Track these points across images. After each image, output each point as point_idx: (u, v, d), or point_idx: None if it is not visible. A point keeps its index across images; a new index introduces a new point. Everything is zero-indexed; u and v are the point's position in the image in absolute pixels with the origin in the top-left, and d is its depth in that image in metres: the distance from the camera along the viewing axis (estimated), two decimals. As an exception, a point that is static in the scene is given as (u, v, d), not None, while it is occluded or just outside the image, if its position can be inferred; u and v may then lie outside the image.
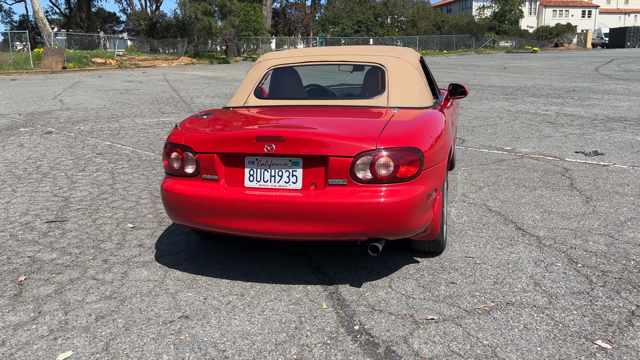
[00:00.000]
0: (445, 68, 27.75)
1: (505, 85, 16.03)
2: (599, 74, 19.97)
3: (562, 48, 57.47)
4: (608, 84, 15.73)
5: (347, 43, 51.52)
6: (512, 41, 58.80)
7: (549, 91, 14.09)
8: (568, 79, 18.22)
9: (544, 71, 22.71)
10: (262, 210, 2.87)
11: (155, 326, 2.71)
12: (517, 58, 38.33)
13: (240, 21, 42.00)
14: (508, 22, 59.75)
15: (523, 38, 58.51)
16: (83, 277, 3.31)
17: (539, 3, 78.61)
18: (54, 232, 4.13)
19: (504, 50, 54.25)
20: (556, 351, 2.38)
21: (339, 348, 2.47)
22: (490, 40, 56.49)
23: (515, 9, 59.87)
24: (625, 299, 2.82)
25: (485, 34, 57.05)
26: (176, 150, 3.11)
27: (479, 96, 13.25)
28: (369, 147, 2.79)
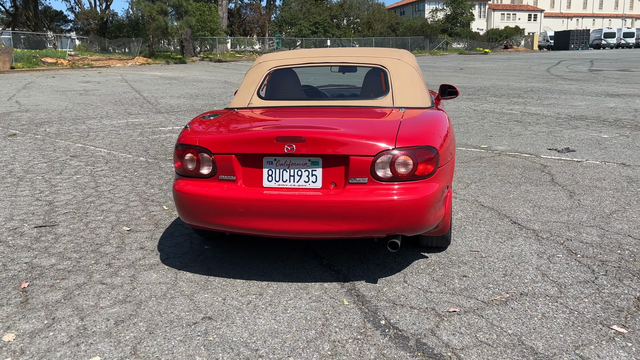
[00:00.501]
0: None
1: (466, 86, 16.47)
2: (551, 75, 20.79)
3: (512, 50, 59.46)
4: (562, 84, 16.40)
5: (304, 44, 51.65)
6: (464, 43, 60.40)
7: (508, 91, 14.58)
8: (523, 79, 18.90)
9: (499, 72, 23.46)
10: (282, 209, 2.88)
11: (180, 328, 2.68)
12: (471, 59, 39.43)
13: (197, 21, 41.45)
14: (460, 24, 61.33)
15: (474, 40, 60.19)
16: (90, 282, 3.23)
17: (488, 6, 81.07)
18: (47, 237, 3.99)
19: (456, 52, 55.66)
20: (578, 337, 2.50)
21: (370, 343, 2.51)
22: (444, 42, 57.84)
23: (466, 12, 61.52)
24: (629, 286, 2.99)
25: (438, 36, 58.36)
26: (191, 152, 3.08)
27: (444, 96, 13.57)
28: (389, 146, 2.84)
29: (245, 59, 42.56)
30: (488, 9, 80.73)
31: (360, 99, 3.71)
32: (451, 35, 60.13)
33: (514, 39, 62.36)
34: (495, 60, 36.73)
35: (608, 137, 7.48)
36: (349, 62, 3.95)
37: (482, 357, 2.36)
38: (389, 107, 3.54)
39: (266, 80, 3.93)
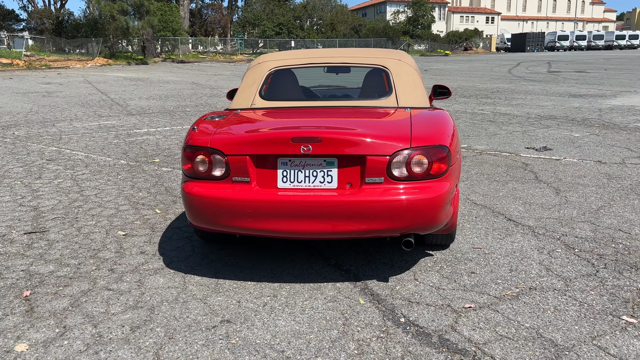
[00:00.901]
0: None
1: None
2: (513, 76, 21.39)
3: (471, 52, 60.83)
4: (525, 85, 16.90)
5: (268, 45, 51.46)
6: (425, 45, 61.41)
7: (475, 92, 14.92)
8: (487, 80, 19.38)
9: (463, 73, 23.97)
10: (297, 210, 2.88)
11: (200, 332, 2.65)
12: (434, 61, 40.13)
13: (158, 21, 40.72)
14: (421, 26, 62.33)
15: (435, 42, 61.26)
16: (95, 288, 3.15)
17: (447, 9, 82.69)
18: (39, 244, 3.87)
19: (418, 54, 56.50)
20: (592, 328, 2.60)
21: (394, 340, 2.54)
22: (406, 44, 58.64)
23: (427, 14, 62.57)
24: (629, 278, 3.12)
25: (400, 37, 59.13)
26: (202, 153, 3.04)
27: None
28: (405, 146, 2.88)
29: (208, 60, 42.08)
30: (448, 11, 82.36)
31: (365, 99, 3.74)
32: (413, 37, 61.04)
33: (473, 41, 63.81)
34: (457, 62, 37.51)
35: (580, 136, 7.76)
36: (349, 62, 3.98)
37: (505, 351, 2.42)
38: (394, 107, 3.58)
39: (268, 81, 3.92)
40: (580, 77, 19.68)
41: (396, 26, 61.19)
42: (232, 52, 50.80)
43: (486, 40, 72.22)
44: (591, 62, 32.23)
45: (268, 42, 51.62)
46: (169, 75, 24.05)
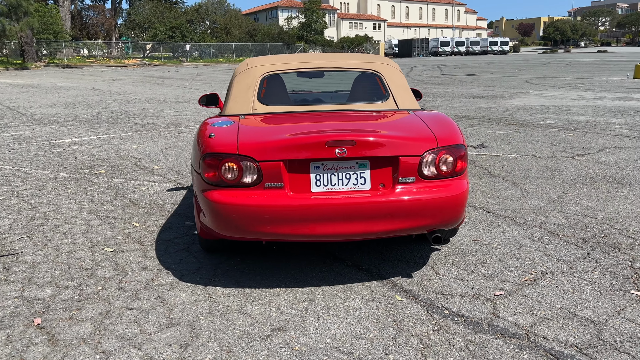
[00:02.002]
0: (274, 75, 28.57)
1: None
2: (414, 80, 22.58)
3: (363, 56, 63.17)
4: (429, 88, 17.94)
5: (161, 48, 49.68)
6: (320, 50, 62.71)
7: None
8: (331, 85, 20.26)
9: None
10: (333, 213, 2.89)
11: (257, 343, 2.58)
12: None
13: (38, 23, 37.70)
14: (314, 32, 63.57)
15: (329, 47, 62.78)
16: (114, 309, 2.93)
17: (337, 15, 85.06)
18: (19, 267, 3.51)
19: (313, 58, 57.55)
20: (613, 303, 2.89)
21: (450, 332, 2.66)
22: (301, 49, 59.47)
23: (320, 20, 63.94)
24: (617, 257, 3.50)
25: (296, 42, 59.89)
26: (230, 161, 2.95)
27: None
28: (433, 146, 3.02)
29: (98, 65, 39.69)
30: (337, 17, 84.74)
31: (366, 102, 3.82)
32: (307, 42, 62.08)
33: (364, 46, 66.23)
34: (354, 66, 38.69)
35: (504, 134, 8.44)
36: (341, 67, 4.04)
37: (553, 331, 2.63)
38: (395, 110, 3.71)
39: (263, 86, 3.87)
40: (474, 80, 21.26)
41: (290, 31, 61.86)
42: (121, 56, 48.38)
43: (375, 46, 75.32)
44: (475, 66, 34.88)
45: (161, 46, 49.81)
46: (61, 81, 22.39)
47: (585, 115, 10.35)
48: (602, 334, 2.60)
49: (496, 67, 32.64)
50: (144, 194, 5.24)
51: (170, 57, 49.90)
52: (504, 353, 2.45)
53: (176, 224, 4.35)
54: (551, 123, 9.44)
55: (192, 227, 4.27)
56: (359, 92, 4.01)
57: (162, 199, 5.04)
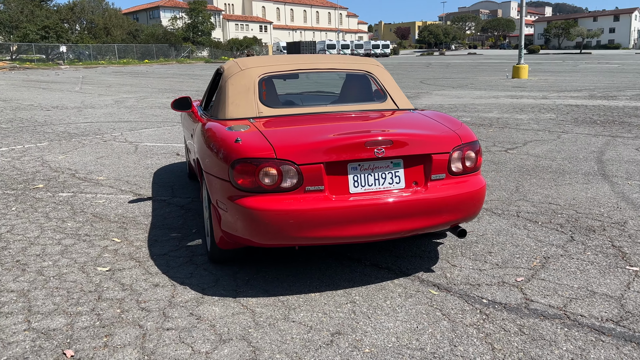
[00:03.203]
0: (169, 77, 27.57)
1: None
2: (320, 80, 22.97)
3: (253, 58, 62.95)
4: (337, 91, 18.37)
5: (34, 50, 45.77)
6: (208, 52, 61.47)
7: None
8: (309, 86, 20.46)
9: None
10: (373, 213, 2.92)
11: (325, 349, 2.54)
12: (224, 67, 40.45)
13: None
14: (201, 33, 62.15)
15: (218, 49, 61.75)
16: (150, 331, 2.72)
17: (222, 16, 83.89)
18: (8, 297, 3.12)
19: (202, 60, 56.35)
20: (618, 279, 3.22)
21: (499, 318, 2.80)
22: (189, 50, 57.90)
23: (206, 21, 62.65)
24: (597, 239, 3.89)
25: (183, 44, 58.14)
26: (267, 165, 2.86)
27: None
28: (458, 143, 3.16)
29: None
30: (222, 18, 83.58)
31: (369, 103, 3.87)
32: (195, 43, 60.54)
33: (253, 48, 66.01)
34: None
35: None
36: (334, 68, 4.06)
37: (586, 310, 2.88)
38: (395, 109, 3.81)
39: (263, 88, 3.78)
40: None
41: (176, 32, 59.93)
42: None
43: (263, 47, 75.35)
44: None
45: (33, 47, 45.85)
46: None
47: (492, 113, 11.25)
48: (625, 307, 2.89)
49: (389, 68, 34.19)
50: (106, 207, 4.86)
51: (44, 60, 46.10)
52: (556, 333, 2.65)
53: (161, 236, 4.10)
54: (467, 120, 10.14)
55: (181, 238, 4.05)
56: (357, 92, 4.04)
57: (130, 212, 4.72)
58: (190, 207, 4.85)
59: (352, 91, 4.06)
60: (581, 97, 14.38)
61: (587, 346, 2.52)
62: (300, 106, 3.78)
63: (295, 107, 3.72)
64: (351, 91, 4.07)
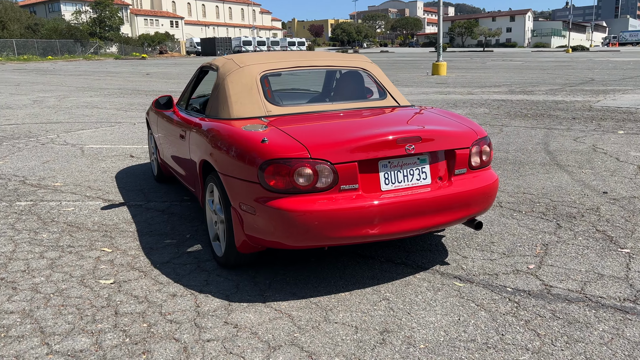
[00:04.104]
0: (82, 75, 26.01)
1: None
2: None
3: (167, 55, 60.79)
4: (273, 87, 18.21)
5: None
6: (117, 48, 58.67)
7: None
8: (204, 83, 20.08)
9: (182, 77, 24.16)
10: (405, 210, 2.94)
11: (381, 348, 2.53)
12: (137, 64, 38.83)
13: None
14: (109, 28, 59.20)
15: (128, 45, 59.09)
16: (190, 344, 2.58)
17: (130, 11, 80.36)
18: (10, 319, 2.82)
19: (112, 57, 53.68)
20: (617, 261, 3.46)
21: (530, 305, 2.92)
22: (97, 46, 54.99)
23: (114, 15, 59.74)
24: (581, 225, 4.16)
25: (89, 39, 55.09)
26: (302, 165, 2.78)
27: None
28: (475, 137, 3.25)
29: None
30: (130, 13, 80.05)
31: (371, 100, 3.86)
32: (102, 39, 57.55)
33: (166, 44, 63.82)
34: (169, 65, 37.17)
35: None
36: (332, 65, 4.03)
37: (602, 291, 3.07)
38: (397, 105, 3.85)
39: (266, 86, 3.67)
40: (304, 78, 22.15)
41: (81, 27, 56.63)
42: None
43: (176, 43, 73.08)
44: (288, 64, 36.18)
45: None
46: None
47: (430, 108, 11.65)
48: (635, 287, 3.12)
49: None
50: (78, 215, 4.52)
51: None
52: (587, 315, 2.81)
53: (156, 244, 3.88)
54: (410, 116, 10.44)
55: (178, 245, 3.86)
56: (357, 90, 4.01)
57: (109, 219, 4.42)
58: (173, 212, 4.62)
59: (352, 88, 4.04)
60: (502, 92, 15.28)
61: (619, 325, 2.70)
62: (305, 104, 3.71)
63: (302, 105, 3.65)
64: (350, 88, 4.04)
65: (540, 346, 2.52)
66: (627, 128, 8.65)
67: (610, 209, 4.50)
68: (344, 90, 3.99)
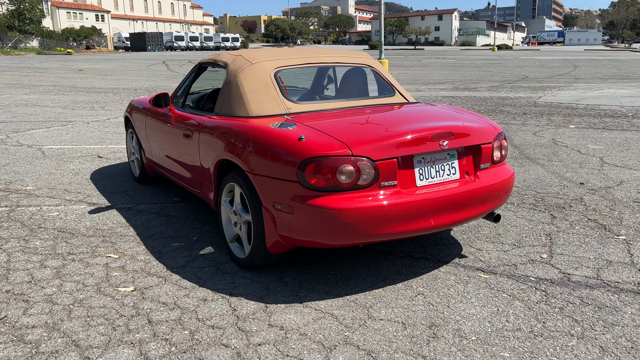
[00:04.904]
0: (4, 70, 24.39)
1: (121, 87, 15.95)
2: (179, 74, 22.09)
3: (94, 50, 58.10)
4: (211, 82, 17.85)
5: None
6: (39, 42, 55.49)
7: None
8: (165, 79, 19.51)
9: (128, 73, 23.25)
10: (439, 205, 2.98)
11: (435, 342, 2.56)
12: (64, 60, 36.90)
13: None
14: (29, 21, 55.86)
15: (52, 39, 56.00)
16: (241, 348, 2.50)
17: (50, 3, 76.15)
18: (36, 334, 2.63)
19: (33, 52, 50.68)
20: (619, 248, 3.66)
21: (557, 293, 3.04)
22: (16, 40, 51.75)
23: (34, 7, 56.42)
24: (571, 214, 4.39)
25: (8, 33, 51.75)
26: (346, 163, 2.76)
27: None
28: (495, 133, 3.34)
29: None
30: (51, 6, 75.85)
31: (383, 97, 3.86)
32: (22, 32, 54.21)
33: (92, 38, 61.00)
34: (100, 61, 35.53)
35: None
36: (340, 62, 4.00)
37: (616, 277, 3.25)
38: (406, 102, 3.90)
39: (281, 83, 3.60)
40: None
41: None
42: None
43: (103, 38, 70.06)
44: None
45: None
46: None
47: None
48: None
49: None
50: (67, 220, 4.25)
51: None
52: (612, 300, 2.97)
53: (163, 248, 3.72)
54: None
55: (187, 248, 3.72)
56: (367, 87, 4.00)
57: (102, 223, 4.19)
58: (168, 214, 4.44)
59: (363, 85, 4.01)
60: (448, 89, 15.80)
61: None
62: (321, 101, 3.66)
63: (320, 102, 3.60)
64: (362, 85, 4.01)
65: (582, 331, 2.64)
66: (575, 122, 9.19)
67: (592, 199, 4.77)
68: (355, 87, 3.98)
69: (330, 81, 4.41)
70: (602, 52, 51.27)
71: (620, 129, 8.46)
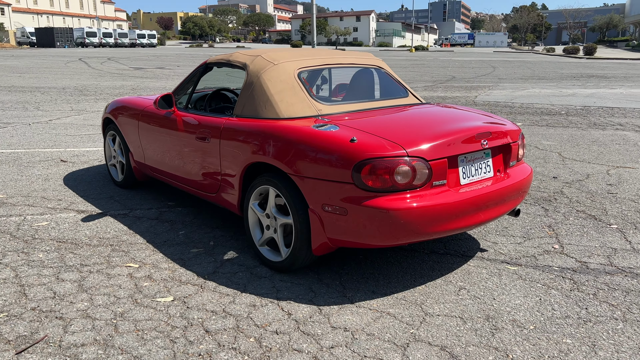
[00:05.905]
0: None
1: (76, 86, 14.98)
2: (105, 72, 21.06)
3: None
4: (146, 82, 17.19)
5: None
6: None
7: (112, 90, 14.32)
8: (93, 78, 18.52)
9: (47, 70, 21.81)
10: (482, 202, 3.07)
11: (500, 334, 2.65)
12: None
13: None
14: None
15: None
16: (316, 352, 2.47)
17: (-57, -6, 69.74)
18: (93, 352, 2.45)
19: None
20: (616, 236, 3.95)
21: (583, 280, 3.23)
22: None
23: None
24: (562, 207, 4.67)
25: None
26: (402, 163, 2.78)
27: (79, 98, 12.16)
28: (519, 131, 3.50)
29: None
30: (-55, -3, 69.47)
31: (398, 98, 3.90)
32: None
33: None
34: (7, 57, 32.96)
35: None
36: (354, 63, 4.00)
37: (628, 262, 3.50)
38: (420, 102, 3.98)
39: (305, 84, 3.54)
40: (186, 73, 21.23)
41: None
42: None
43: (4, 33, 65.15)
44: (152, 59, 34.39)
45: None
46: None
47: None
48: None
49: (175, 60, 32.96)
50: (63, 230, 3.95)
51: None
52: (634, 284, 3.20)
53: (184, 254, 3.57)
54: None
55: (209, 254, 3.59)
56: (382, 87, 4.02)
57: (104, 232, 3.93)
58: (170, 219, 4.25)
59: (379, 86, 4.02)
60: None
61: (664, 290, 3.13)
62: (346, 102, 3.63)
63: (346, 103, 3.58)
64: (378, 86, 4.02)
65: (624, 314, 2.84)
66: (521, 120, 9.77)
67: (571, 192, 5.11)
68: (373, 88, 4.00)
69: (334, 82, 4.40)
70: (510, 54, 54.66)
71: (561, 126, 9.09)
